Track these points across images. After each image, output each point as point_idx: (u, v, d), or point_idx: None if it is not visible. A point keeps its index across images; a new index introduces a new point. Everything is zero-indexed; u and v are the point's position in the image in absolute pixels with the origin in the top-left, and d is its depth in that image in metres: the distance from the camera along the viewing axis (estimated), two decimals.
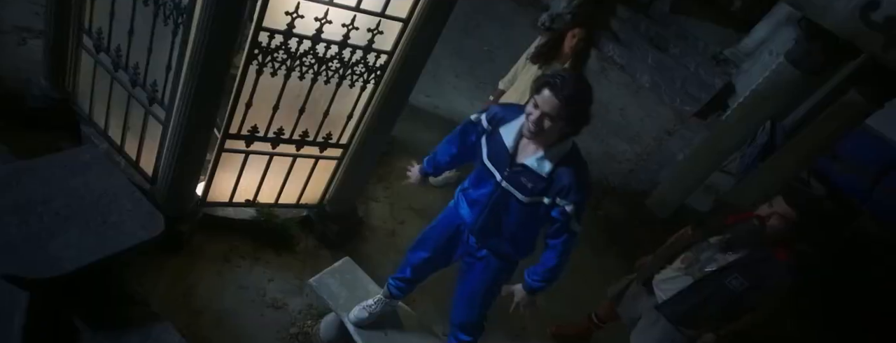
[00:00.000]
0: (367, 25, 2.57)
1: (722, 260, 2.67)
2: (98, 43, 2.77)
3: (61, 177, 1.79)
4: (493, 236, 2.27)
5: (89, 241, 1.65)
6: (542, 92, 1.93)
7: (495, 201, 2.15)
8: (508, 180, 2.08)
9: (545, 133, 1.96)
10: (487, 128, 2.17)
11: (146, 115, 2.77)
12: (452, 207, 2.40)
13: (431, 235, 2.47)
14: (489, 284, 2.40)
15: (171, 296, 2.64)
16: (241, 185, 3.02)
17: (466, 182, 2.32)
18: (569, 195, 2.02)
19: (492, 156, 2.12)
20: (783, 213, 2.47)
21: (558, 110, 1.90)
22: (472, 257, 2.37)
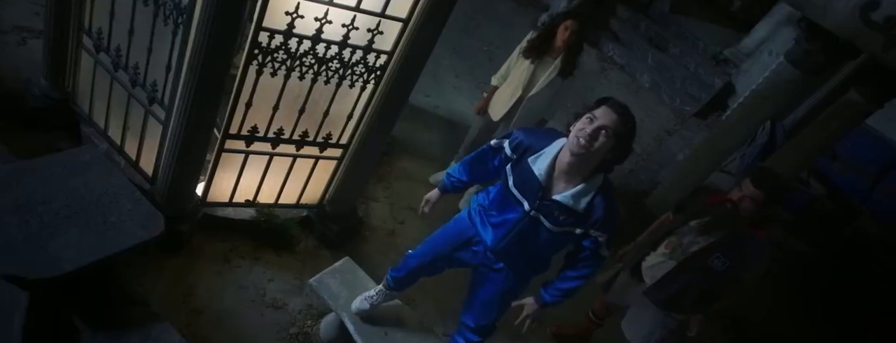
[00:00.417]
0: (367, 25, 2.57)
1: (704, 242, 2.77)
2: (98, 43, 2.77)
3: (61, 177, 1.79)
4: (513, 256, 2.26)
5: (89, 241, 1.65)
6: (599, 108, 1.96)
7: (522, 227, 2.12)
8: (538, 210, 2.06)
9: (593, 154, 1.93)
10: (512, 156, 2.13)
11: (146, 116, 2.78)
12: (465, 219, 2.35)
13: (437, 244, 2.45)
14: (507, 293, 2.40)
15: (171, 296, 2.64)
16: (241, 185, 3.02)
17: (486, 201, 2.28)
18: (603, 227, 2.04)
19: (519, 185, 2.09)
20: (752, 195, 2.60)
21: (616, 125, 1.92)
22: (487, 269, 2.35)
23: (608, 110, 1.94)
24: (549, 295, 2.26)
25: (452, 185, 2.48)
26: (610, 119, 1.92)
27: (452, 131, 4.63)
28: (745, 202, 2.62)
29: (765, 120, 4.80)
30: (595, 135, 1.91)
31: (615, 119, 1.92)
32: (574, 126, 1.97)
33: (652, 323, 3.02)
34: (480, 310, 2.45)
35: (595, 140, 1.91)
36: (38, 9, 3.61)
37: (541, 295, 2.29)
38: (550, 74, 3.52)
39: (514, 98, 3.62)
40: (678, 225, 2.91)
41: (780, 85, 4.18)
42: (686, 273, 2.80)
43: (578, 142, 1.91)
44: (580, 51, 3.53)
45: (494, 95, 3.77)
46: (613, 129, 1.91)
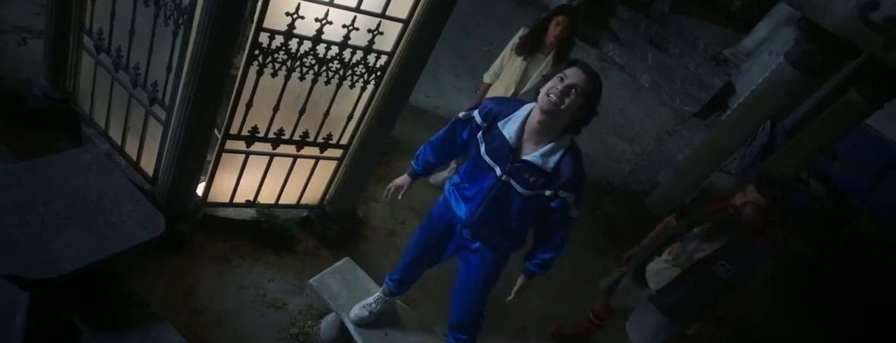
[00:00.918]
0: (368, 26, 2.58)
1: (708, 249, 2.78)
2: (99, 43, 2.78)
3: (62, 177, 1.79)
4: (488, 229, 2.29)
5: (90, 242, 1.66)
6: (570, 68, 2.01)
7: (495, 195, 2.17)
8: (510, 174, 2.10)
9: (563, 112, 1.98)
10: (482, 124, 2.17)
11: (147, 116, 2.78)
12: (442, 203, 2.40)
13: (423, 233, 2.50)
14: (485, 278, 2.42)
15: (171, 296, 2.65)
16: (242, 185, 3.03)
17: (458, 177, 2.33)
18: (571, 187, 2.08)
19: (491, 151, 2.13)
20: (756, 202, 2.59)
21: (585, 83, 1.97)
22: (466, 250, 2.39)
23: (577, 70, 2.00)
24: (533, 265, 2.32)
25: (421, 167, 2.50)
26: (579, 78, 1.98)
27: None
28: (748, 208, 2.61)
29: (765, 120, 4.80)
30: (566, 92, 1.96)
31: (584, 78, 1.98)
32: (544, 86, 2.03)
33: (656, 326, 3.03)
34: (461, 303, 2.49)
35: (566, 96, 1.96)
36: (38, 9, 3.61)
37: (526, 268, 2.35)
38: (543, 70, 3.55)
39: (508, 94, 3.64)
40: (681, 231, 2.91)
41: (780, 85, 4.18)
42: (690, 280, 2.80)
43: (549, 99, 1.97)
44: (572, 46, 3.55)
45: (487, 92, 3.78)
46: (582, 88, 1.97)
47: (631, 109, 6.67)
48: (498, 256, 2.37)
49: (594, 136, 5.89)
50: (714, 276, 2.74)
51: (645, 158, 6.02)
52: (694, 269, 2.80)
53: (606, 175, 5.50)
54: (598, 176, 5.40)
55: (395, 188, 2.55)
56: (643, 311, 3.09)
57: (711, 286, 2.77)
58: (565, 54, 3.56)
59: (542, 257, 2.28)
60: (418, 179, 2.57)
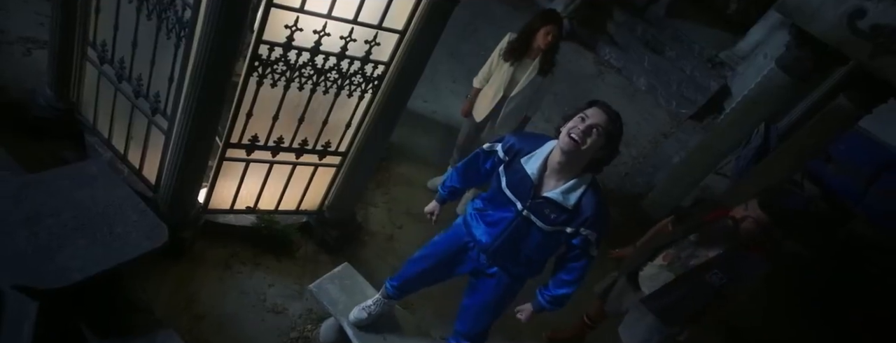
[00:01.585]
0: (365, 37, 2.64)
1: (702, 256, 2.83)
2: (102, 55, 2.84)
3: (68, 189, 1.85)
4: (506, 257, 2.32)
5: (96, 252, 1.71)
6: (591, 108, 2.05)
7: (515, 227, 2.19)
8: (530, 210, 2.13)
9: (584, 151, 2.01)
10: (504, 158, 2.21)
11: (149, 125, 2.84)
12: (461, 225, 2.43)
13: (435, 251, 2.51)
14: (500, 300, 2.46)
15: (173, 301, 2.71)
16: (242, 192, 3.09)
17: (480, 203, 2.35)
18: (593, 226, 2.11)
19: (512, 185, 2.16)
20: (757, 218, 2.62)
21: (606, 123, 2.01)
22: (481, 274, 2.42)
23: (599, 110, 2.03)
24: (545, 300, 2.33)
25: (449, 192, 2.56)
26: (601, 118, 2.01)
27: (450, 136, 4.67)
28: (748, 222, 2.64)
29: (758, 123, 4.87)
30: (587, 132, 2.00)
31: (606, 118, 2.02)
32: (565, 126, 2.06)
33: (649, 329, 3.07)
34: (474, 317, 2.52)
35: (587, 137, 2.00)
36: (42, 19, 3.67)
37: (537, 300, 2.37)
38: (530, 74, 3.64)
39: (497, 98, 3.74)
40: (676, 237, 2.96)
41: (772, 90, 4.25)
42: (683, 286, 2.85)
43: (571, 139, 2.00)
44: (556, 51, 3.63)
45: (477, 97, 3.86)
46: (604, 128, 2.01)
47: (628, 113, 6.72)
48: (513, 282, 2.41)
49: None
50: (706, 283, 2.78)
51: (641, 161, 6.08)
52: (688, 275, 2.84)
53: (603, 178, 5.52)
54: None
55: (428, 214, 2.64)
56: (636, 314, 3.14)
57: (703, 293, 2.81)
58: (552, 58, 3.66)
59: (556, 292, 2.30)
60: (446, 203, 2.63)
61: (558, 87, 6.33)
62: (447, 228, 2.52)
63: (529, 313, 2.42)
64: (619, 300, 3.21)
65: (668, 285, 2.90)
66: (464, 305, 2.55)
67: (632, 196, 5.42)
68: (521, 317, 2.45)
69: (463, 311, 2.55)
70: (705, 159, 4.94)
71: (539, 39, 3.54)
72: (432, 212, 2.61)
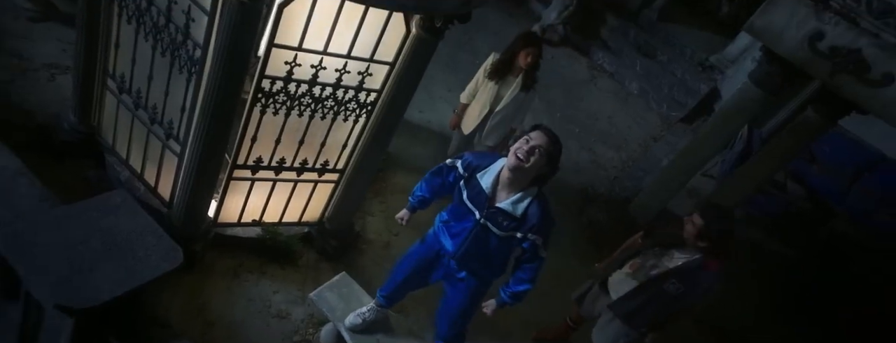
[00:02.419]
0: (358, 69, 2.91)
1: (662, 267, 3.13)
2: (121, 85, 3.12)
3: (97, 218, 2.13)
4: (472, 261, 2.63)
5: (122, 274, 1.99)
6: (534, 131, 2.38)
7: (475, 234, 2.52)
8: (486, 218, 2.45)
9: (527, 168, 2.32)
10: (464, 174, 2.53)
11: (163, 149, 3.12)
12: (432, 235, 2.76)
13: (410, 261, 2.84)
14: (470, 302, 2.78)
15: (187, 309, 3.01)
16: (248, 206, 3.37)
17: (446, 215, 2.67)
18: (538, 231, 2.42)
19: (471, 198, 2.49)
20: (695, 222, 2.94)
21: (547, 144, 2.33)
22: (453, 279, 2.73)
23: (541, 133, 2.36)
24: (507, 296, 2.66)
25: (419, 201, 2.85)
26: (542, 140, 2.34)
27: (444, 145, 4.91)
28: (689, 226, 2.95)
29: (734, 132, 5.10)
30: (531, 152, 2.32)
31: (547, 140, 2.34)
32: (513, 146, 2.38)
33: (617, 332, 3.36)
34: (447, 321, 2.84)
35: (531, 156, 2.32)
36: (64, 46, 3.95)
37: (500, 296, 2.70)
38: (514, 90, 3.94)
39: (484, 113, 4.05)
40: (644, 248, 3.25)
41: (745, 103, 4.50)
42: (644, 293, 3.14)
43: (516, 158, 2.32)
44: (537, 68, 3.93)
45: (465, 112, 4.14)
46: (545, 149, 2.33)
47: (619, 117, 6.95)
48: (480, 283, 2.72)
49: (582, 145, 6.19)
50: (665, 291, 3.07)
51: (630, 165, 6.31)
52: (648, 283, 3.14)
53: (592, 182, 5.79)
54: (584, 183, 5.71)
55: (399, 220, 2.93)
56: (606, 318, 3.42)
57: (662, 300, 3.11)
58: (534, 74, 3.94)
59: (515, 289, 2.62)
60: (416, 211, 2.92)
61: (552, 92, 6.57)
62: (421, 240, 2.82)
63: (494, 308, 2.75)
64: (593, 305, 3.50)
65: (632, 292, 3.20)
66: (440, 312, 2.87)
67: (620, 200, 5.65)
68: (487, 311, 2.76)
69: (440, 317, 2.87)
70: (689, 164, 5.17)
71: (520, 60, 3.84)
72: (403, 218, 2.91)
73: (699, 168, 5.42)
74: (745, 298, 5.41)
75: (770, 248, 6.33)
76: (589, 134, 6.39)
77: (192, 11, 2.61)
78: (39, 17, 4.07)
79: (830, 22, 3.71)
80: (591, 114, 6.74)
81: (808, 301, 5.73)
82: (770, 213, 6.48)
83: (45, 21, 4.08)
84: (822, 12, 3.71)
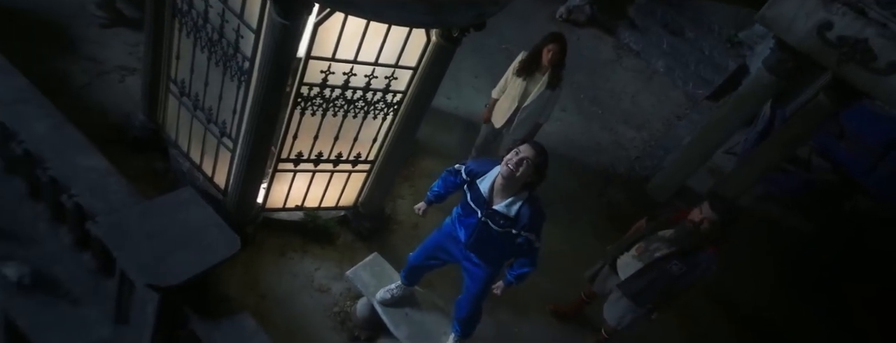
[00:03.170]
0: (385, 74, 3.27)
1: (666, 250, 3.43)
2: (181, 89, 3.57)
3: (171, 212, 2.56)
4: (480, 250, 3.05)
5: (193, 259, 2.43)
6: (524, 144, 2.77)
7: (479, 229, 2.93)
8: (486, 217, 2.85)
9: (517, 177, 2.69)
10: (467, 179, 2.92)
11: (218, 145, 3.58)
12: (448, 224, 3.16)
13: (430, 244, 3.26)
14: (482, 286, 3.19)
15: (242, 283, 3.51)
16: (292, 194, 3.83)
17: (459, 209, 3.06)
18: (530, 229, 2.81)
19: (473, 200, 2.89)
20: (710, 218, 3.20)
21: (534, 156, 2.71)
22: (469, 263, 3.14)
23: (529, 147, 2.75)
24: (512, 277, 3.08)
25: (435, 196, 3.25)
26: (530, 153, 2.71)
27: (471, 131, 5.17)
28: (705, 224, 3.23)
29: (749, 116, 5.24)
30: (519, 163, 2.70)
31: (533, 153, 2.71)
32: (505, 157, 2.75)
33: (625, 309, 3.72)
34: (466, 305, 3.26)
35: (519, 167, 2.69)
36: (131, 49, 4.44)
37: (506, 278, 3.13)
38: (540, 88, 4.19)
39: (512, 109, 4.32)
40: (649, 233, 3.56)
41: (759, 88, 4.67)
42: (649, 273, 3.47)
43: (508, 168, 2.70)
44: (563, 66, 4.16)
45: (495, 106, 4.44)
46: (532, 160, 2.70)
47: (643, 96, 7.09)
48: (491, 269, 3.13)
49: (604, 125, 6.39)
50: (668, 272, 3.39)
51: (652, 144, 6.49)
52: (653, 264, 3.45)
53: (613, 162, 6.02)
54: (605, 164, 5.96)
55: (417, 210, 3.36)
56: (616, 295, 3.77)
57: (666, 280, 3.43)
58: (559, 73, 4.18)
59: (518, 271, 3.03)
60: (432, 205, 3.32)
61: (576, 75, 6.74)
62: (438, 230, 3.23)
63: (502, 287, 3.17)
64: (604, 283, 3.84)
65: (638, 272, 3.52)
66: (458, 301, 3.30)
67: (639, 179, 5.87)
68: (497, 291, 3.19)
69: (458, 304, 3.31)
70: (708, 143, 5.27)
71: (543, 57, 4.08)
72: (420, 209, 3.34)
73: (717, 147, 5.55)
74: (762, 277, 5.60)
75: (789, 226, 6.46)
76: (612, 114, 6.57)
77: (241, 29, 3.00)
78: (109, 24, 4.56)
79: (838, 12, 3.84)
80: (615, 94, 6.91)
81: (827, 280, 5.83)
82: (790, 190, 6.59)
83: (114, 26, 4.57)
84: (831, 3, 3.84)
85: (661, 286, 3.45)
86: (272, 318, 3.41)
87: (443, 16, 2.84)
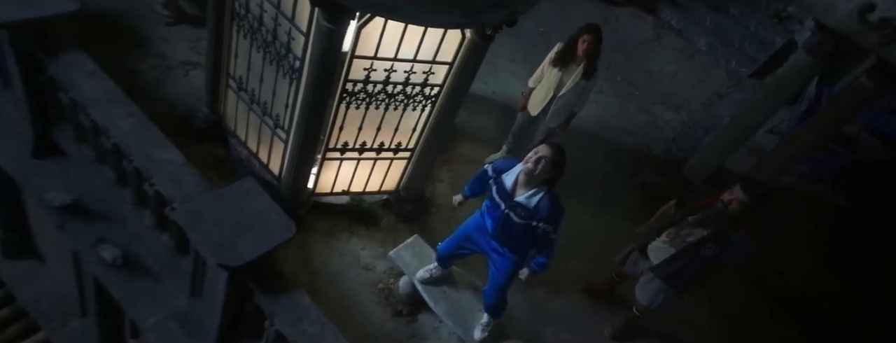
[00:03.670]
0: (422, 69, 3.51)
1: (698, 234, 3.56)
2: (239, 85, 3.91)
3: (234, 200, 2.90)
4: (504, 239, 3.32)
5: (256, 242, 2.78)
6: (542, 145, 3.03)
7: (503, 220, 3.20)
8: (509, 209, 3.12)
9: (537, 174, 2.95)
10: (493, 176, 3.20)
11: (272, 135, 3.92)
12: (478, 216, 3.43)
13: (457, 236, 3.56)
14: (508, 275, 3.46)
15: (295, 261, 3.88)
16: (339, 179, 4.16)
17: (488, 202, 3.33)
18: (548, 221, 3.07)
19: (498, 193, 3.16)
20: (740, 199, 3.31)
21: (552, 155, 2.97)
22: (496, 253, 3.40)
23: (547, 147, 3.01)
24: (535, 265, 3.34)
25: (470, 192, 3.55)
26: (548, 152, 2.97)
27: (508, 115, 5.27)
28: (734, 204, 3.34)
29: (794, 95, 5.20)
30: (538, 162, 2.96)
31: (551, 152, 2.97)
32: (527, 156, 3.01)
33: (656, 290, 3.90)
34: (493, 292, 3.53)
35: (538, 165, 2.95)
36: (193, 45, 4.82)
37: (530, 266, 3.38)
38: (575, 78, 4.32)
39: (548, 98, 4.47)
40: (677, 219, 3.68)
41: (799, 71, 4.67)
42: (683, 258, 3.61)
43: (528, 165, 2.97)
44: (598, 57, 4.27)
45: (531, 95, 4.61)
46: (550, 159, 2.96)
47: (683, 76, 7.03)
48: (516, 259, 3.38)
49: (640, 107, 6.41)
50: (701, 255, 3.53)
51: (690, 125, 6.48)
52: (686, 249, 3.58)
53: (649, 144, 6.04)
54: (640, 145, 6.02)
55: (455, 202, 3.66)
56: (647, 277, 3.93)
57: (699, 263, 3.58)
58: (594, 63, 4.30)
59: (540, 260, 3.30)
60: (468, 199, 3.61)
61: (612, 56, 6.75)
62: (468, 219, 3.52)
63: (527, 274, 3.42)
64: (635, 266, 4.02)
65: (671, 257, 3.66)
66: (485, 291, 3.59)
67: (675, 161, 5.91)
68: (523, 277, 3.43)
69: (485, 292, 3.60)
70: (747, 123, 5.29)
71: (578, 47, 4.21)
72: (458, 201, 3.63)
73: (757, 128, 5.51)
74: (801, 257, 5.53)
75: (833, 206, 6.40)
76: (649, 95, 6.56)
77: (292, 32, 3.29)
78: (173, 22, 4.95)
79: None
80: (653, 74, 6.89)
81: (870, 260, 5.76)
82: (835, 170, 6.51)
83: (177, 24, 4.95)
84: None
85: (695, 269, 3.60)
86: (323, 293, 3.78)
87: (476, 17, 3.05)
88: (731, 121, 5.70)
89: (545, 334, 4.26)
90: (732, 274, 4.96)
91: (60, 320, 4.44)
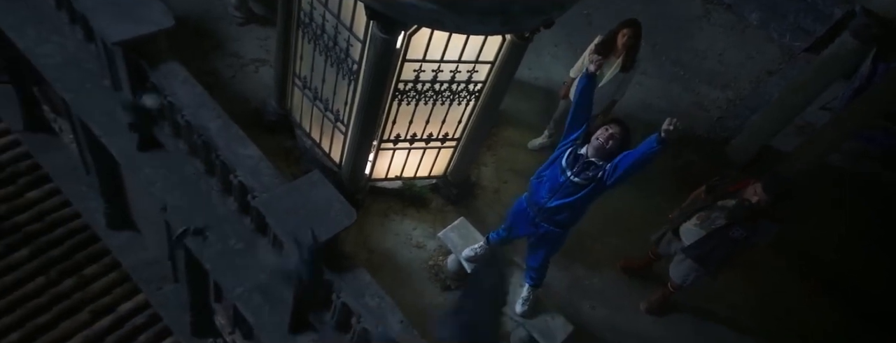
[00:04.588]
0: (467, 68, 3.84)
1: (726, 220, 3.79)
2: (304, 83, 4.36)
3: (304, 191, 3.36)
4: (559, 213, 3.55)
5: (324, 227, 3.25)
6: (612, 123, 3.33)
7: (565, 187, 3.42)
8: (576, 174, 3.36)
9: (607, 149, 3.27)
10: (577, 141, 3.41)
11: (333, 128, 4.37)
12: (523, 200, 3.73)
13: (511, 220, 3.87)
14: (554, 246, 3.82)
15: (355, 241, 4.37)
16: (392, 166, 4.59)
17: (545, 173, 3.54)
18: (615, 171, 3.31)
19: (569, 160, 3.38)
20: (762, 199, 3.57)
21: (621, 132, 3.29)
22: (544, 227, 3.68)
23: (616, 125, 3.30)
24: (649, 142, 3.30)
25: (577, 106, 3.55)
26: (617, 130, 3.27)
27: (550, 101, 5.50)
28: (755, 201, 3.61)
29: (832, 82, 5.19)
30: (608, 138, 3.26)
31: (619, 130, 3.27)
32: (597, 132, 3.30)
33: (689, 269, 4.18)
34: (539, 259, 3.88)
35: (609, 141, 3.26)
36: (262, 43, 5.27)
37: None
38: (614, 70, 4.51)
39: None
40: (708, 203, 3.93)
41: (844, 54, 4.69)
42: (712, 240, 3.87)
43: (598, 141, 3.28)
44: (637, 50, 4.44)
45: (572, 85, 4.84)
46: (619, 135, 3.26)
47: (731, 53, 6.96)
48: (563, 231, 3.69)
49: (685, 87, 6.44)
50: (730, 237, 3.80)
51: (737, 104, 6.49)
52: (716, 231, 3.84)
53: (692, 124, 6.09)
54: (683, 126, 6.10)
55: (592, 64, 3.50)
56: (680, 257, 4.22)
57: (728, 246, 3.85)
58: (633, 56, 4.48)
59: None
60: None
61: (658, 35, 6.76)
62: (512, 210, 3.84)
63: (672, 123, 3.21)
64: (668, 246, 4.31)
65: (702, 239, 3.93)
66: (531, 250, 3.91)
67: (719, 141, 5.97)
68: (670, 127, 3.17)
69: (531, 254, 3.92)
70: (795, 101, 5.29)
71: (618, 40, 4.39)
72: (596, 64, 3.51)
73: (803, 108, 5.45)
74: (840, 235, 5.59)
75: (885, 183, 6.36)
76: (694, 75, 6.54)
77: (351, 40, 3.68)
78: (244, 22, 5.42)
79: None
80: (700, 52, 6.86)
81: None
82: (888, 147, 6.43)
83: (248, 24, 5.42)
84: None
85: (724, 251, 3.88)
86: (380, 270, 4.26)
87: (515, 25, 3.34)
88: (779, 98, 5.64)
89: (583, 308, 4.61)
90: (770, 251, 5.14)
91: (157, 284, 5.13)
